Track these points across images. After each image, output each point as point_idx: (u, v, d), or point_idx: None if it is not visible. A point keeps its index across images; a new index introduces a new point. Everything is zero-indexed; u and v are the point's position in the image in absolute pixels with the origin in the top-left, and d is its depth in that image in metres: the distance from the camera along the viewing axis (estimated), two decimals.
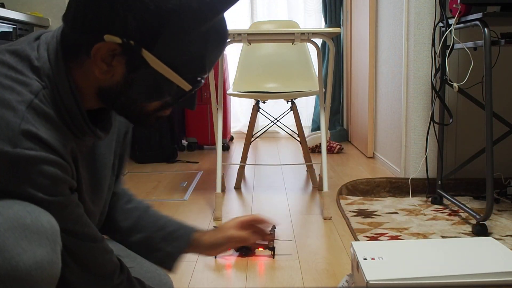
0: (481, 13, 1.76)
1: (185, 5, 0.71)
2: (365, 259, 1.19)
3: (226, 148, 3.76)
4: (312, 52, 4.12)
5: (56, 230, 0.70)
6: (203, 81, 0.79)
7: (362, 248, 1.25)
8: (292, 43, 2.16)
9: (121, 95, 0.76)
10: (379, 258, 1.19)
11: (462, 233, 1.84)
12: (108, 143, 0.93)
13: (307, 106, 4.48)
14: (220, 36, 0.76)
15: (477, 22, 1.79)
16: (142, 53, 0.72)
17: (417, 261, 1.17)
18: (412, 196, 2.37)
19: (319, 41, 4.19)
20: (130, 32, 0.70)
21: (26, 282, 0.64)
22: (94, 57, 0.72)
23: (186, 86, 0.77)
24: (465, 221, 1.98)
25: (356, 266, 1.21)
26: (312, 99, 4.43)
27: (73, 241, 0.76)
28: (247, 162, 2.96)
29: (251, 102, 4.34)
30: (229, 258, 1.65)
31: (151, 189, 2.59)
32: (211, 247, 1.04)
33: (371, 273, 1.11)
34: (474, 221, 1.96)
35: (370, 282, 1.09)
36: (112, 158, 0.95)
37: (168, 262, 1.03)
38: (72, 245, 0.76)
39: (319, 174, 2.51)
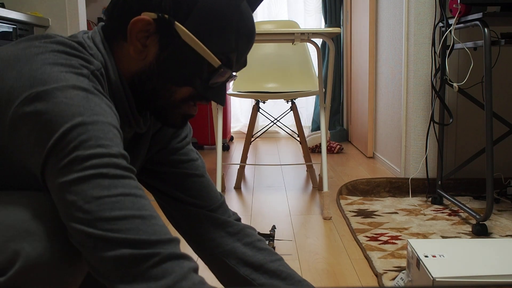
0: (481, 13, 1.76)
1: None
2: (426, 256, 1.15)
3: (226, 148, 3.76)
4: (312, 52, 4.12)
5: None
6: (233, 67, 0.80)
7: (420, 245, 1.22)
8: (292, 43, 2.16)
9: (153, 76, 0.78)
10: (440, 255, 1.16)
11: (462, 233, 1.84)
12: (144, 142, 0.94)
13: (307, 106, 4.48)
14: (248, 27, 0.79)
15: (477, 22, 1.79)
16: (175, 25, 0.75)
17: (480, 259, 1.14)
18: (412, 196, 2.37)
19: (319, 41, 4.19)
20: (165, 7, 0.75)
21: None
22: (130, 33, 0.76)
23: (215, 62, 0.77)
24: (465, 221, 1.98)
25: (415, 263, 1.18)
26: (312, 99, 4.43)
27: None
28: (247, 162, 2.96)
29: (251, 102, 4.34)
30: None
31: None
32: None
33: (436, 270, 1.07)
34: (474, 221, 1.96)
35: (437, 279, 1.05)
36: (144, 155, 0.96)
37: None
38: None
39: (319, 174, 2.51)
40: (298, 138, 2.67)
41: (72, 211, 0.62)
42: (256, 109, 2.60)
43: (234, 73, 0.83)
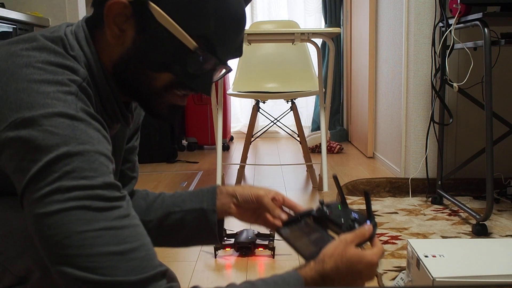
0: (481, 13, 1.76)
1: None
2: (426, 256, 1.15)
3: (226, 148, 3.76)
4: (312, 52, 4.12)
5: None
6: (217, 53, 0.76)
7: (420, 245, 1.22)
8: (292, 43, 2.16)
9: (130, 61, 0.75)
10: (440, 255, 1.15)
11: (462, 233, 1.84)
12: (123, 136, 0.94)
13: (307, 106, 4.48)
14: (230, 10, 0.75)
15: (477, 22, 1.79)
16: (149, 5, 0.72)
17: (480, 259, 1.14)
18: (412, 196, 2.37)
19: (319, 41, 4.19)
20: None
21: None
22: (107, 17, 0.73)
23: (191, 44, 0.73)
24: (465, 221, 1.98)
25: (415, 263, 1.18)
26: (312, 99, 4.43)
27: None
28: (247, 162, 2.96)
29: (251, 102, 4.34)
30: (229, 258, 1.65)
31: (151, 189, 2.58)
32: (241, 202, 0.97)
33: (436, 270, 1.07)
34: (474, 221, 1.96)
35: (437, 279, 1.05)
36: (123, 149, 0.98)
37: (206, 224, 0.95)
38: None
39: (319, 174, 2.51)
40: (298, 138, 2.67)
41: (50, 245, 0.60)
42: (256, 109, 2.60)
43: (228, 66, 0.80)
